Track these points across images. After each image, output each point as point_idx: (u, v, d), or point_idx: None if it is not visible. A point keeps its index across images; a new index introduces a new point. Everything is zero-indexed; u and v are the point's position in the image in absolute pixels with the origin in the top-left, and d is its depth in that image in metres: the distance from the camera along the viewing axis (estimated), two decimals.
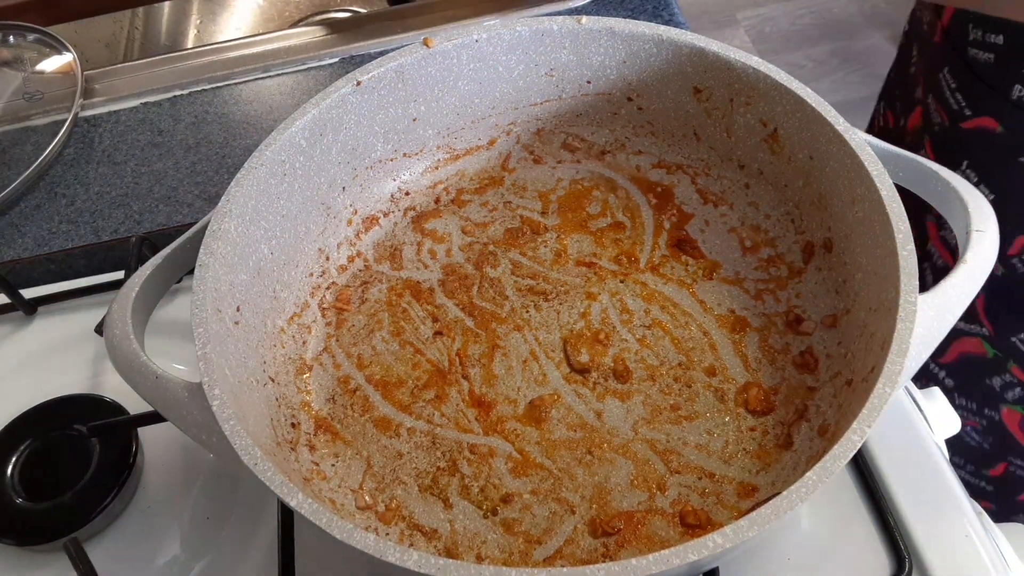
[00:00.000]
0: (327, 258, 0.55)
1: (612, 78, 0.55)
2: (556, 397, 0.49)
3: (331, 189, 0.54)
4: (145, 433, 0.52)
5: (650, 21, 0.59)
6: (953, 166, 0.69)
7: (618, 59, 0.54)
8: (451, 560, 0.33)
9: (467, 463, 0.47)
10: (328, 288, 0.55)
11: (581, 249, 0.55)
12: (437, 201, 0.59)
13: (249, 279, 0.47)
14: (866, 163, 0.44)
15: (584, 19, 0.52)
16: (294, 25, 0.98)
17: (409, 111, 0.55)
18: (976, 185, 0.68)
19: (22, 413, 0.53)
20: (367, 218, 0.57)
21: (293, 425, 0.48)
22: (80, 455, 0.51)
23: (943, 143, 0.71)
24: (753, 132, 0.53)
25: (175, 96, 0.77)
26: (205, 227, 0.45)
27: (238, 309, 0.46)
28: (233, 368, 0.43)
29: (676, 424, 0.47)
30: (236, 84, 0.77)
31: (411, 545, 0.44)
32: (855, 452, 0.35)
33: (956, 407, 0.61)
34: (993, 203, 0.71)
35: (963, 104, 0.66)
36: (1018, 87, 0.61)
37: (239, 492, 0.51)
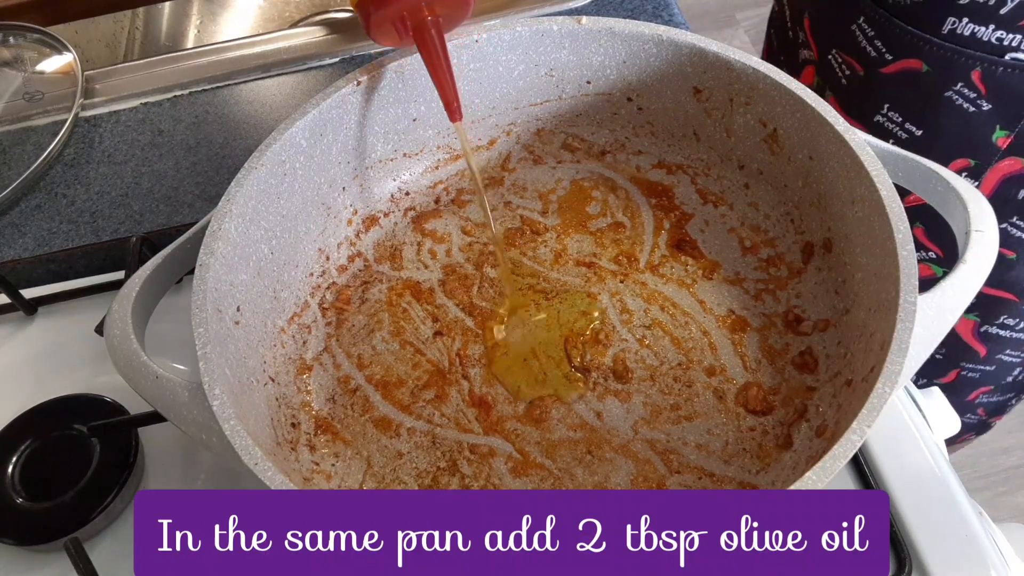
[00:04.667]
0: (327, 258, 0.55)
1: (612, 78, 0.55)
2: (556, 397, 0.49)
3: (331, 189, 0.54)
4: (145, 433, 0.52)
5: (650, 21, 0.59)
6: (872, 112, 0.72)
7: (618, 59, 0.54)
8: None
9: (467, 463, 0.47)
10: (328, 288, 0.55)
11: (581, 249, 0.55)
12: (437, 201, 0.59)
13: (249, 279, 0.47)
14: (866, 163, 0.44)
15: (584, 19, 0.52)
16: (294, 25, 0.98)
17: (409, 111, 0.55)
18: (901, 124, 0.71)
19: (22, 413, 0.53)
20: (367, 218, 0.57)
21: (293, 425, 0.48)
22: (80, 455, 0.51)
23: (854, 93, 0.74)
24: (753, 132, 0.53)
25: (175, 96, 0.77)
26: (205, 227, 0.45)
27: (238, 309, 0.46)
28: (233, 368, 0.43)
29: (676, 424, 0.47)
30: (236, 84, 0.77)
31: None
32: (855, 452, 0.35)
33: None
34: (921, 138, 0.70)
35: (883, 50, 0.68)
36: (952, 20, 0.62)
37: None
